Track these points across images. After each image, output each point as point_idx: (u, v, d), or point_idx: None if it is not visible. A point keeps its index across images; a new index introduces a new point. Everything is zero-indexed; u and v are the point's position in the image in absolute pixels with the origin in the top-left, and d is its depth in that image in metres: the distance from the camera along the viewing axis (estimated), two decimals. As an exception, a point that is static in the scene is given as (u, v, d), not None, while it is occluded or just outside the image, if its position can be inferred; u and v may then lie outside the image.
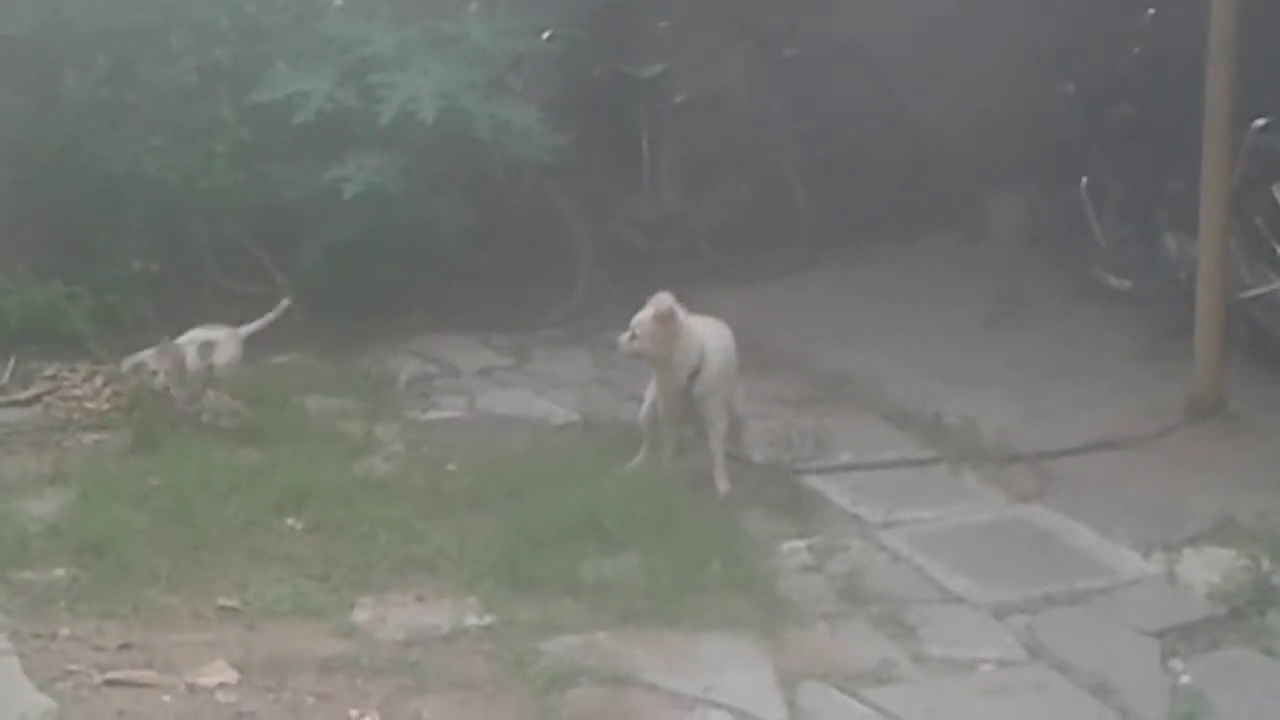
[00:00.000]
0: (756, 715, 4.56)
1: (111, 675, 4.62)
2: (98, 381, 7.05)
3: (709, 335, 6.09)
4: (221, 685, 4.61)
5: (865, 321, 8.16)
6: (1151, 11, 7.94)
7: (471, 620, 5.06)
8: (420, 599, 5.22)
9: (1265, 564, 5.30)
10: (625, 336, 6.04)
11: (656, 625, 5.02)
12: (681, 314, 6.02)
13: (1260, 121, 6.96)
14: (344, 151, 7.77)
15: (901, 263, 9.03)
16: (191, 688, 4.59)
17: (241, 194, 7.83)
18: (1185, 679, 4.78)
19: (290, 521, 5.72)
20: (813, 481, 6.21)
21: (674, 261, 8.79)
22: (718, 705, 4.61)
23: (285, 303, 6.97)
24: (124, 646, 4.81)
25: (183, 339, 6.72)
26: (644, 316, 6.01)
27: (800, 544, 5.67)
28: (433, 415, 7.07)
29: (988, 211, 9.36)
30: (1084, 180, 8.24)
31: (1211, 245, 6.61)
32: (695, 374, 5.99)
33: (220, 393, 6.78)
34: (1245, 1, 6.40)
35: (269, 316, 6.89)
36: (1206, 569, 5.38)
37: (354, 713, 4.53)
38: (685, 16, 9.22)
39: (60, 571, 5.25)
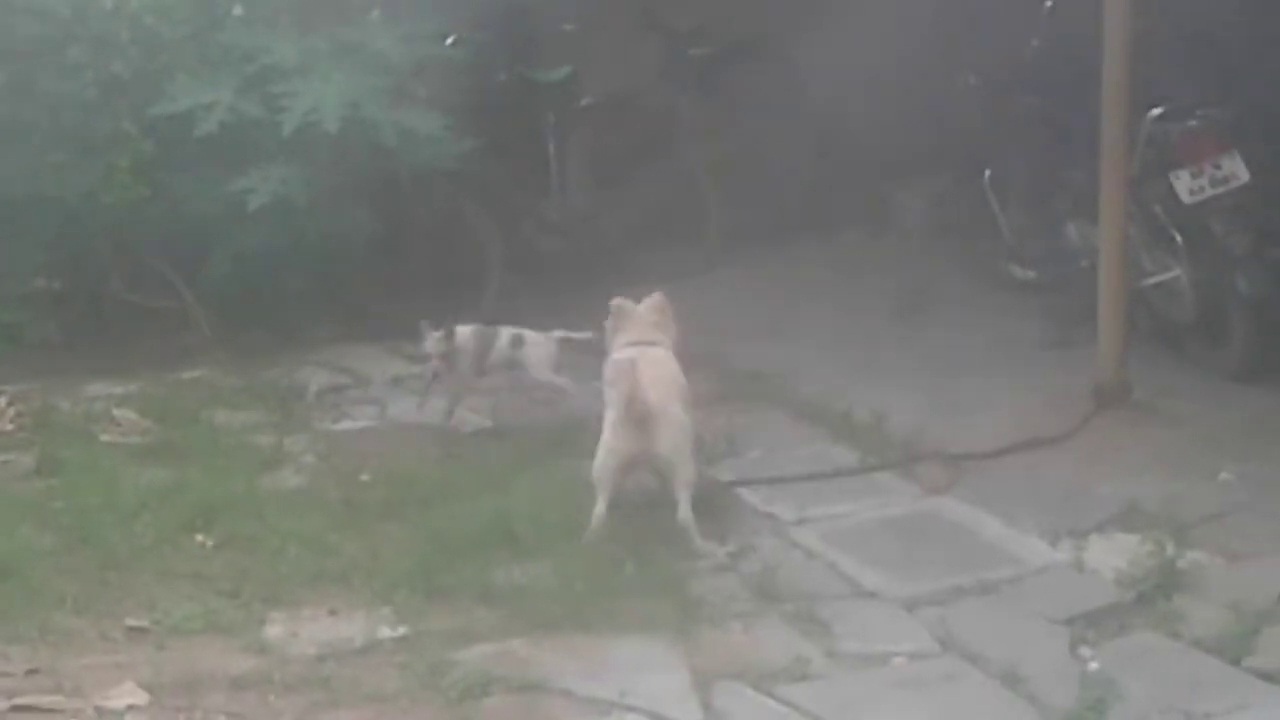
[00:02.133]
0: (672, 717, 4.58)
1: (18, 701, 4.57)
2: (1, 402, 6.95)
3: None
4: (131, 707, 4.57)
5: (776, 318, 8.19)
6: (1049, 4, 8.01)
7: (385, 632, 5.05)
8: (333, 612, 5.19)
9: (1170, 548, 5.38)
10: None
11: (570, 631, 5.02)
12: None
13: (1156, 110, 7.03)
14: (248, 162, 7.70)
15: (811, 258, 9.07)
16: (100, 711, 4.56)
17: (145, 208, 7.73)
18: (1094, 665, 4.84)
19: (200, 538, 5.67)
20: (726, 481, 6.22)
21: (585, 263, 8.80)
22: (633, 709, 4.62)
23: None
24: (31, 671, 4.76)
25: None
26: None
27: (714, 544, 5.68)
28: (344, 425, 7.04)
29: (895, 205, 9.42)
30: (987, 172, 8.32)
31: (1111, 234, 6.69)
32: None
33: (125, 412, 6.72)
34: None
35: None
36: (1113, 555, 5.45)
37: (266, 730, 4.51)
38: (590, 18, 9.20)
39: (-36, 597, 5.18)
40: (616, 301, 6.17)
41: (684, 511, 5.63)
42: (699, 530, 5.65)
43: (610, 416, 5.70)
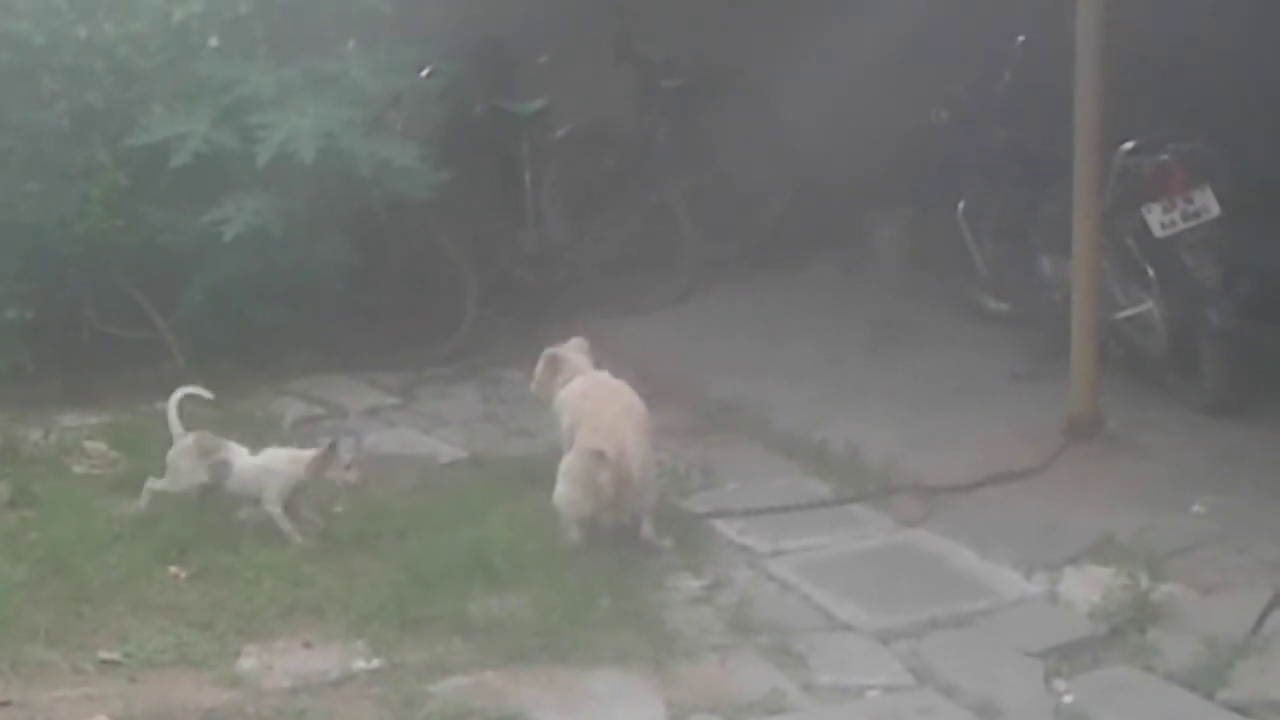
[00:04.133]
0: (647, 750, 4.59)
1: (-10, 734, 4.55)
2: (-29, 434, 6.91)
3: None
4: (103, 740, 4.56)
5: (751, 349, 8.20)
6: (1021, 39, 8.07)
7: (359, 664, 5.04)
8: (307, 644, 5.17)
9: (1144, 581, 5.39)
10: None
11: (546, 663, 5.02)
12: None
13: (1128, 144, 7.07)
14: (223, 193, 7.70)
15: (786, 289, 9.09)
16: (73, 744, 4.54)
17: (119, 238, 7.72)
18: (1068, 698, 4.84)
19: (173, 570, 5.65)
20: (701, 513, 6.22)
21: (561, 295, 8.81)
22: (608, 741, 4.63)
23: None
24: (2, 704, 4.73)
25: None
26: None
27: (689, 576, 5.68)
28: (319, 457, 7.00)
29: (870, 237, 9.46)
30: (961, 204, 8.36)
31: (1084, 267, 6.72)
32: None
33: (96, 444, 6.71)
34: (1111, 27, 6.52)
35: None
36: (1087, 588, 5.46)
37: (240, 764, 4.49)
38: (565, 50, 9.23)
39: (-64, 629, 5.15)
40: (549, 351, 6.21)
41: (647, 529, 5.85)
42: (667, 557, 5.77)
43: (576, 460, 5.73)
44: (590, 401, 5.95)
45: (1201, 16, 7.60)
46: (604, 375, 6.15)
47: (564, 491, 5.76)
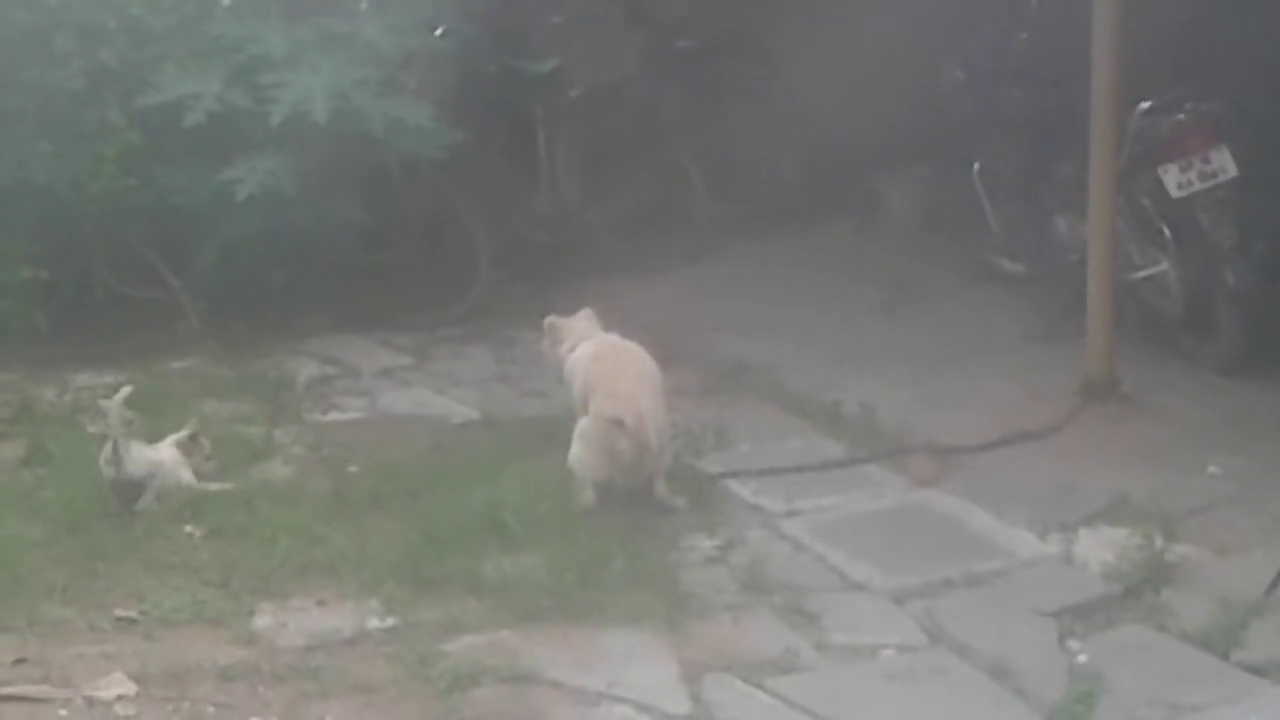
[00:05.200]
0: (661, 709, 4.58)
1: (6, 691, 4.57)
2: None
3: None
4: (120, 697, 4.57)
5: (764, 310, 8.19)
6: (1037, -3, 8.05)
7: (373, 623, 5.05)
8: (321, 603, 5.19)
9: (1159, 542, 5.39)
10: None
11: (560, 622, 5.03)
12: None
13: (1145, 104, 7.05)
14: (236, 153, 7.68)
15: (799, 250, 9.07)
16: (89, 701, 4.56)
17: (132, 198, 7.71)
18: (1082, 658, 4.85)
19: (188, 529, 5.67)
20: (714, 474, 6.22)
21: (574, 256, 8.80)
22: (622, 700, 4.62)
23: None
24: (19, 661, 4.75)
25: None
26: None
27: (702, 536, 5.69)
28: (333, 417, 7.03)
29: (883, 198, 9.44)
30: (976, 165, 8.33)
31: (1100, 228, 6.70)
32: None
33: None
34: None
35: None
36: (1101, 548, 5.46)
37: (255, 721, 4.50)
38: (578, 10, 9.20)
39: (-47, 587, 5.17)
40: (549, 319, 6.21)
41: (661, 490, 5.83)
42: (681, 518, 5.76)
43: (594, 426, 5.72)
44: (603, 365, 5.93)
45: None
46: (613, 338, 6.14)
47: (580, 454, 5.76)
